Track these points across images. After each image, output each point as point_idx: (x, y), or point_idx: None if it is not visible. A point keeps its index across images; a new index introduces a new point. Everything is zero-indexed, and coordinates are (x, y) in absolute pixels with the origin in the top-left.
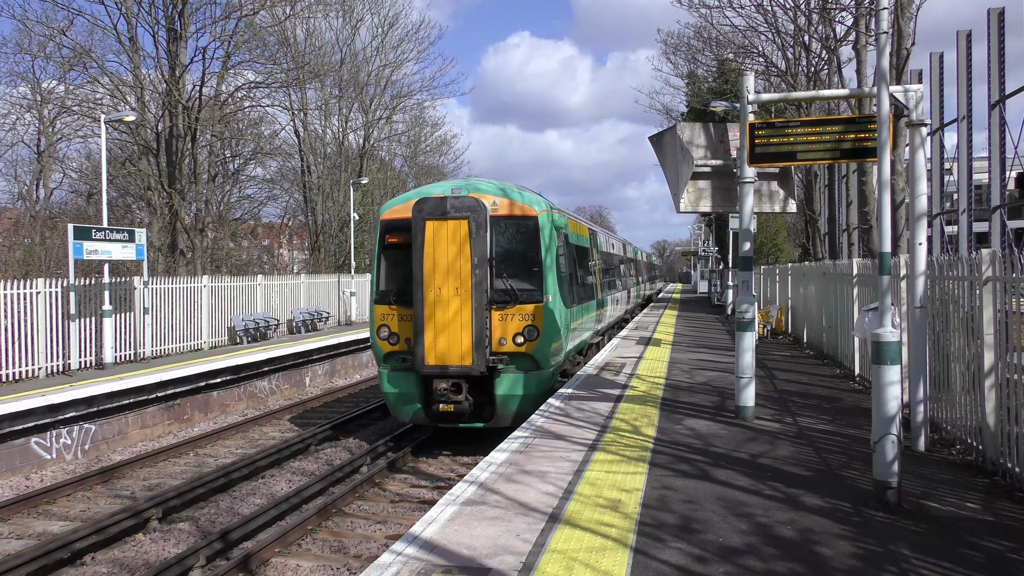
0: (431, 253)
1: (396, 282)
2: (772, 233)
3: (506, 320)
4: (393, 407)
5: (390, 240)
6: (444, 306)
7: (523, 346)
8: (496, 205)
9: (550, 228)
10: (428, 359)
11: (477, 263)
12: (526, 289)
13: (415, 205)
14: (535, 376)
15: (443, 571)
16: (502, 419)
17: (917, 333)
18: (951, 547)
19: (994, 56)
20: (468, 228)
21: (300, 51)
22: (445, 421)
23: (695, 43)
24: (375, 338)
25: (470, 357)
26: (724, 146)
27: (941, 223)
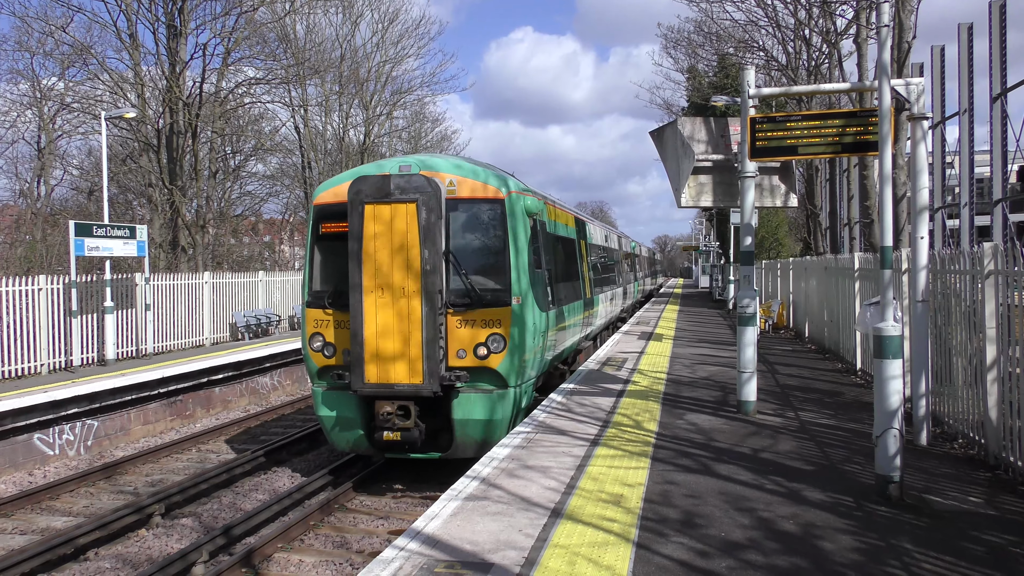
0: (371, 244)
1: (333, 281)
2: (773, 228)
3: (466, 327)
4: (329, 434)
5: (326, 229)
6: (387, 310)
7: (487, 359)
8: (454, 185)
9: (521, 214)
10: (368, 376)
11: (429, 257)
12: (490, 289)
13: (351, 185)
14: (502, 396)
15: (446, 566)
16: (462, 448)
17: (919, 327)
18: (953, 541)
19: (995, 49)
20: (417, 213)
21: (300, 47)
22: (392, 451)
23: (695, 38)
24: (307, 349)
25: (420, 374)
26: (725, 141)
27: (943, 217)
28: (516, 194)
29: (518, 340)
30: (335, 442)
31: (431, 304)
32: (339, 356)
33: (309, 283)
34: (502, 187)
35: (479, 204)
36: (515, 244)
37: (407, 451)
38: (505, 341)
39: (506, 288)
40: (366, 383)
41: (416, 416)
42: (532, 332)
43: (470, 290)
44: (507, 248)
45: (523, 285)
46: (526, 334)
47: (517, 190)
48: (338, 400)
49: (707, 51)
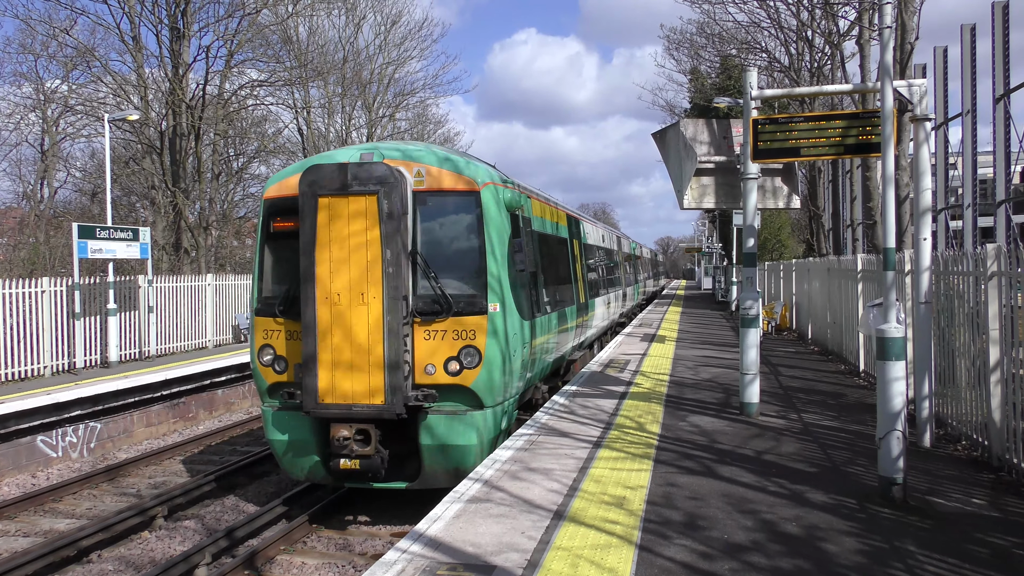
0: (326, 243)
1: (286, 285)
2: (776, 229)
3: (435, 339)
4: (281, 460)
5: (277, 226)
6: (345, 319)
7: (460, 376)
8: (422, 176)
9: (499, 209)
10: (322, 395)
11: (392, 257)
12: (464, 295)
13: (303, 176)
14: (477, 418)
15: (448, 568)
16: (431, 478)
17: (922, 329)
18: (957, 543)
19: (998, 50)
20: (378, 208)
21: (303, 49)
22: (352, 480)
23: (698, 39)
24: (255, 363)
25: (381, 393)
26: (727, 142)
27: (946, 218)
28: (493, 186)
29: (496, 353)
30: (288, 470)
31: (394, 312)
32: (292, 371)
33: (259, 288)
34: (476, 177)
35: (450, 197)
36: (492, 243)
37: (368, 481)
38: (481, 355)
39: (481, 293)
40: (319, 403)
41: (378, 441)
42: (513, 343)
43: (440, 296)
44: (483, 247)
45: (502, 289)
46: (506, 346)
47: (495, 181)
48: (291, 422)
49: (709, 52)
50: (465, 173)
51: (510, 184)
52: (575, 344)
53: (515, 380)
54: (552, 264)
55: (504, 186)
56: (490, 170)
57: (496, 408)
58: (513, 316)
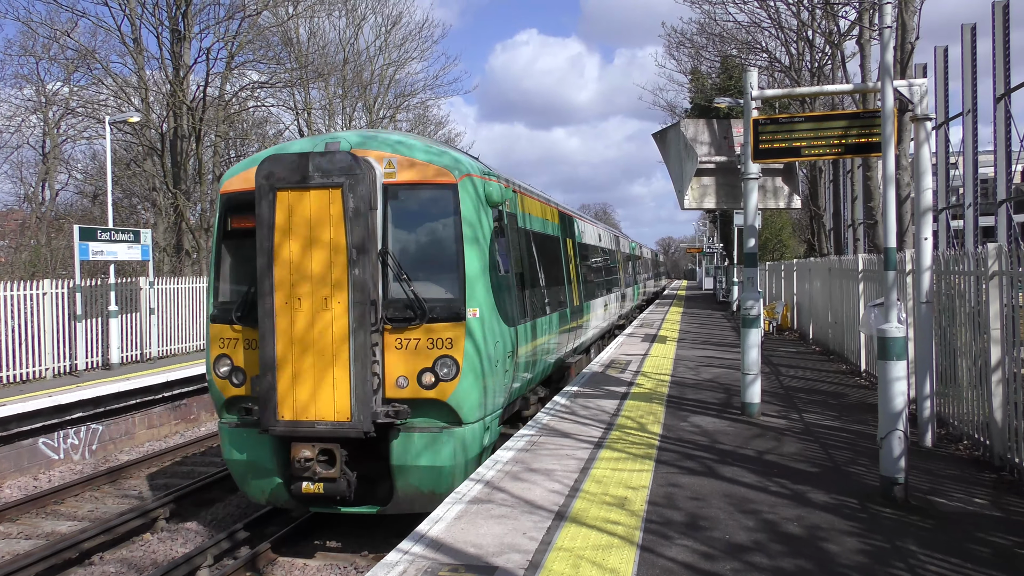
0: (285, 242)
1: (244, 289)
2: (777, 229)
3: (408, 348)
4: (240, 482)
5: (236, 224)
6: (305, 327)
7: (434, 389)
8: (393, 167)
9: (480, 204)
10: (282, 411)
11: (358, 258)
12: (439, 299)
13: (260, 167)
14: (454, 435)
15: (450, 569)
16: (405, 502)
17: (923, 328)
18: (959, 543)
19: (999, 50)
20: (343, 202)
21: (303, 51)
22: (317, 505)
23: (698, 39)
24: (211, 375)
25: (347, 408)
26: (728, 142)
27: (947, 218)
28: (473, 178)
29: (476, 363)
30: (248, 492)
31: (361, 319)
32: (250, 384)
33: (215, 292)
34: (454, 169)
35: (424, 190)
36: (472, 241)
37: (334, 505)
38: (458, 365)
39: (459, 297)
40: (278, 420)
41: (343, 462)
42: (495, 352)
43: (413, 300)
44: (460, 246)
45: (482, 293)
46: (487, 355)
47: (474, 173)
48: (249, 440)
49: (710, 53)
50: (441, 164)
51: (492, 177)
52: (570, 349)
53: (499, 392)
54: (543, 265)
55: (485, 179)
56: (470, 161)
57: (477, 424)
58: (496, 322)
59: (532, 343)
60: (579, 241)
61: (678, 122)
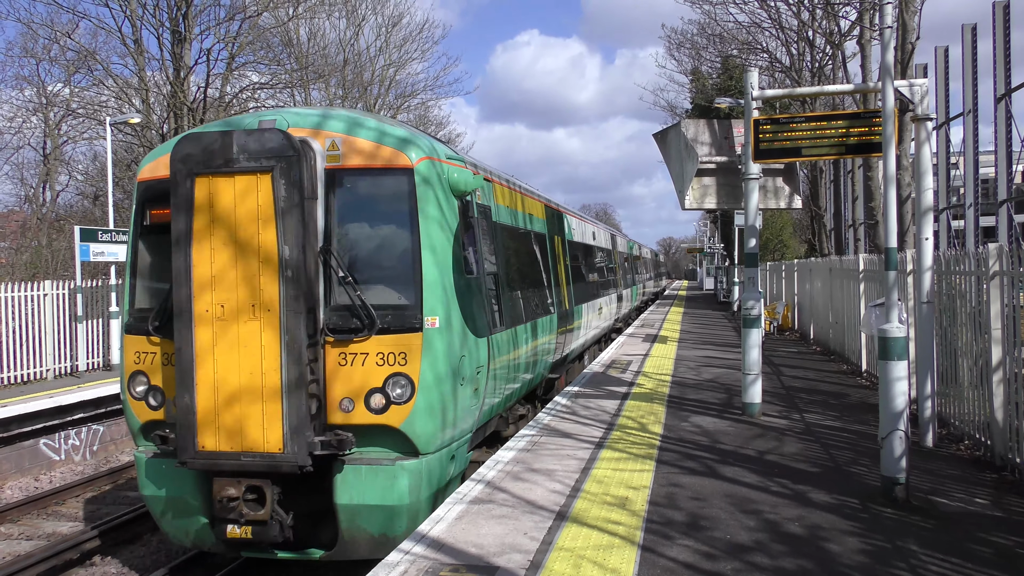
0: (205, 238)
1: (164, 294)
2: (778, 229)
3: (354, 364)
4: (160, 520)
5: (156, 218)
6: (230, 339)
7: (385, 413)
8: (338, 148)
9: (442, 193)
10: (202, 441)
11: (293, 257)
12: (392, 306)
13: (175, 148)
14: (409, 469)
15: (451, 569)
16: (351, 546)
17: (924, 328)
18: (960, 543)
19: (1000, 50)
20: (273, 189)
21: (304, 52)
22: (249, 550)
23: (699, 39)
24: (125, 395)
25: (279, 438)
26: (729, 142)
27: (947, 218)
28: (435, 162)
29: (436, 382)
30: (168, 533)
31: (296, 329)
32: (169, 407)
33: (130, 297)
34: (410, 150)
35: (374, 176)
36: (432, 236)
37: (266, 550)
38: (414, 385)
39: (415, 303)
40: (198, 451)
41: (275, 502)
42: (461, 367)
43: (360, 307)
44: (418, 242)
45: (443, 298)
46: (450, 372)
47: (436, 156)
48: (169, 473)
49: (711, 53)
50: (394, 145)
51: (459, 162)
52: (559, 358)
53: (466, 415)
54: (525, 265)
55: (450, 163)
56: (432, 142)
57: (438, 455)
58: (461, 331)
59: (510, 355)
60: (570, 239)
61: (679, 122)
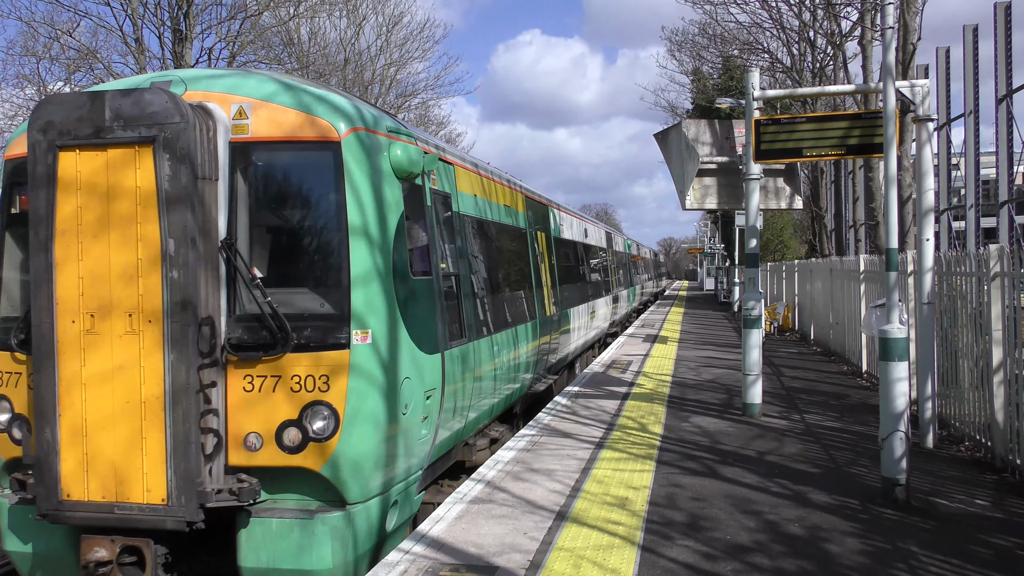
0: (71, 228)
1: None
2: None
3: (262, 390)
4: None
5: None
6: (102, 357)
7: (303, 452)
8: (245, 116)
9: (378, 173)
10: (67, 488)
11: (180, 253)
12: (311, 316)
13: (33, 114)
14: (334, 523)
15: (451, 569)
16: None
17: (925, 329)
18: (960, 544)
19: (1001, 51)
20: (155, 167)
21: (304, 51)
22: None
23: (700, 40)
24: None
25: (163, 485)
26: (730, 143)
27: (948, 219)
28: (371, 135)
29: (369, 412)
30: None
31: (184, 345)
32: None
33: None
34: (338, 120)
35: (292, 151)
36: (364, 228)
37: None
38: (338, 416)
39: (342, 312)
40: (62, 502)
41: (160, 566)
42: (404, 392)
43: (271, 317)
44: (345, 235)
45: (379, 305)
46: (388, 398)
47: (372, 128)
48: (36, 524)
49: (711, 53)
50: (317, 112)
51: (405, 136)
52: (544, 369)
53: (412, 450)
54: (499, 264)
55: (392, 137)
56: (369, 110)
57: (371, 503)
58: (405, 347)
59: (476, 371)
60: (557, 236)
61: (680, 123)
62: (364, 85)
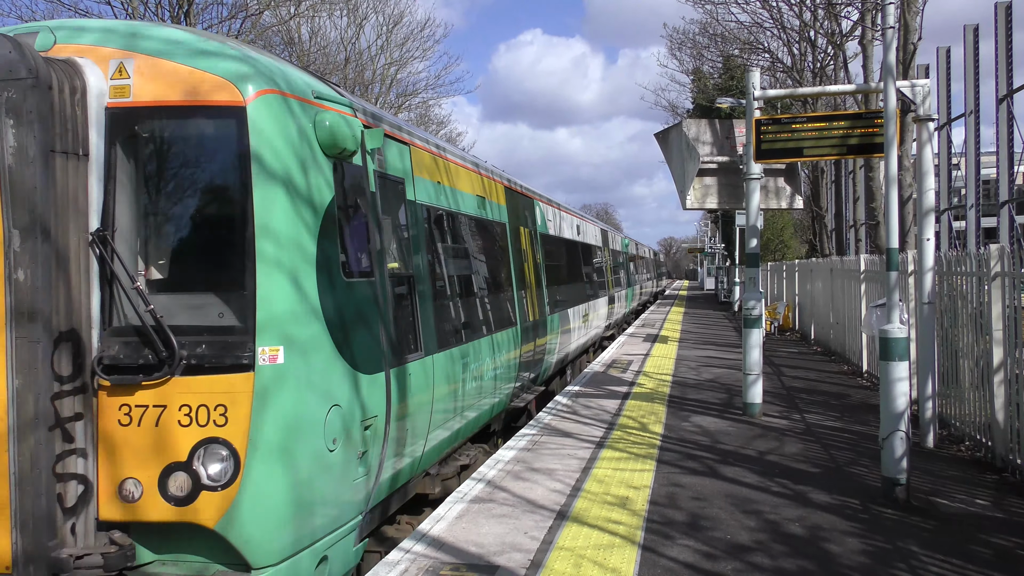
0: None
1: None
2: (779, 229)
3: (143, 425)
4: None
5: None
6: None
7: (192, 504)
8: (126, 76)
9: (297, 148)
10: None
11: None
12: (205, 330)
13: None
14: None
15: (451, 568)
16: None
17: (925, 329)
18: (960, 544)
19: (1001, 50)
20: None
21: (305, 50)
22: None
23: (700, 39)
24: None
25: (6, 548)
26: (730, 142)
27: (949, 218)
28: (287, 100)
29: (280, 451)
30: None
31: (30, 366)
32: None
33: None
34: (243, 81)
35: (183, 119)
36: (277, 217)
37: None
38: (238, 458)
39: (245, 325)
40: None
41: None
42: (331, 424)
43: (154, 331)
44: (251, 226)
45: (298, 315)
46: (305, 434)
47: (291, 92)
48: None
49: (712, 53)
50: (216, 71)
51: (339, 105)
52: (527, 381)
53: (342, 495)
54: (470, 264)
55: (318, 104)
56: (287, 70)
57: (288, 564)
58: (332, 366)
59: (437, 391)
60: (543, 232)
61: (680, 122)
62: (364, 84)
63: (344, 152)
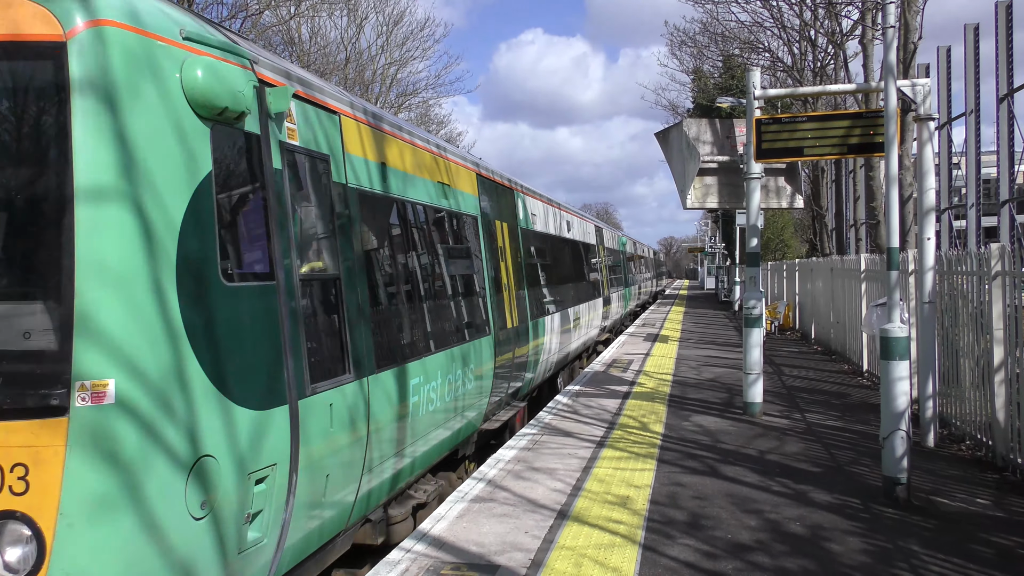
0: None
1: None
2: (779, 229)
3: None
4: None
5: None
6: None
7: None
8: None
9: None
10: None
11: None
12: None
13: None
14: None
15: (452, 568)
16: None
17: (926, 328)
18: (961, 543)
19: (1002, 50)
20: None
21: (305, 50)
22: None
23: (701, 39)
24: None
25: None
26: (731, 142)
27: (949, 218)
28: (138, 36)
29: (107, 529)
30: None
31: None
32: None
33: None
34: (69, 6)
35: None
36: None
37: None
38: (43, 541)
39: (59, 349)
40: None
41: None
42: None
43: None
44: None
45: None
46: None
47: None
48: None
49: (712, 52)
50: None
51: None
52: (502, 396)
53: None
54: (425, 263)
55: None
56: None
57: None
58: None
59: (371, 424)
60: (526, 227)
61: (681, 122)
62: (365, 84)
63: (226, 114)
